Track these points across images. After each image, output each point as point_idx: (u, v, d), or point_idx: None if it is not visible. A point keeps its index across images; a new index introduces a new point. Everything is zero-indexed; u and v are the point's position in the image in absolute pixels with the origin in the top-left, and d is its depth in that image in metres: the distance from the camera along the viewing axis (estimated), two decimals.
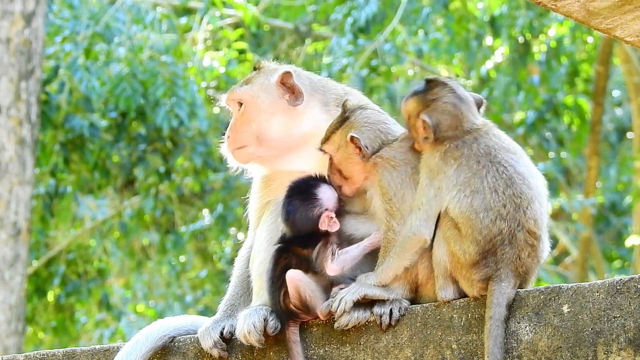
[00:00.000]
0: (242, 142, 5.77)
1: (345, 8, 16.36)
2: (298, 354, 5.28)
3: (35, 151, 14.20)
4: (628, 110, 21.80)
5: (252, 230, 5.82)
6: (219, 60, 17.48)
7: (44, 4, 14.31)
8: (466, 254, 5.06)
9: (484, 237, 5.04)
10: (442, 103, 5.22)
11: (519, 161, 5.14)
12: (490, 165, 5.09)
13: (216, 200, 18.89)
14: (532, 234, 5.07)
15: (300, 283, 5.32)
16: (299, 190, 5.47)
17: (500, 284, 5.00)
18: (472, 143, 5.15)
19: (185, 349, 5.57)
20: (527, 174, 5.13)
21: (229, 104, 5.87)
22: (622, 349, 4.81)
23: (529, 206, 5.07)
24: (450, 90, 5.26)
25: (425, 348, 5.15)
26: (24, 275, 13.97)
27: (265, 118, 5.74)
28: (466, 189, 5.07)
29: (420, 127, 5.20)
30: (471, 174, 5.09)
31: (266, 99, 5.76)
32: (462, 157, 5.12)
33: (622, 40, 5.80)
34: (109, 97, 16.20)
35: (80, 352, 5.70)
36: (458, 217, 5.07)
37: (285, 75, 5.75)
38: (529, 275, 5.10)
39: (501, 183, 5.07)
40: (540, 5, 5.52)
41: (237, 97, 5.82)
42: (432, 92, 5.24)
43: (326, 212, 5.38)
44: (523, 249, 5.05)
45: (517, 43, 17.06)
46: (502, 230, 5.03)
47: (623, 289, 4.86)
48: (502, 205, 5.04)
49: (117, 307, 20.80)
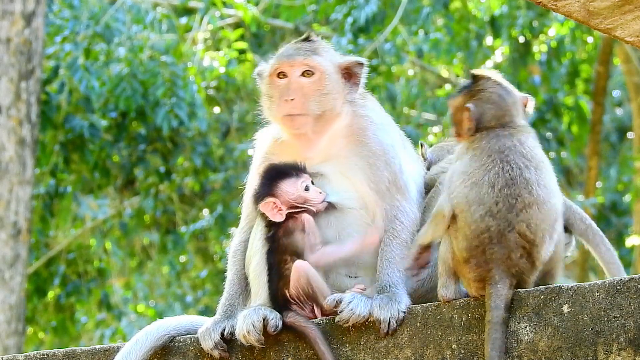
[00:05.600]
0: (307, 110, 5.62)
1: (345, 8, 16.35)
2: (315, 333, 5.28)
3: (35, 151, 14.20)
4: (628, 110, 21.80)
5: (244, 221, 5.79)
6: (219, 60, 17.48)
7: (44, 4, 14.31)
8: (459, 249, 5.07)
9: (472, 232, 5.03)
10: (487, 93, 5.30)
11: (530, 168, 5.11)
12: (498, 162, 5.10)
13: (216, 200, 18.89)
14: (523, 236, 5.02)
15: (307, 274, 5.34)
16: (267, 170, 5.61)
17: (495, 286, 4.98)
18: (493, 138, 5.18)
19: (185, 349, 5.57)
20: (534, 180, 5.09)
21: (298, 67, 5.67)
22: (622, 349, 4.81)
23: (524, 209, 5.03)
24: (496, 82, 5.34)
25: (425, 348, 5.15)
26: (24, 275, 13.97)
27: (334, 96, 5.66)
28: (469, 180, 5.10)
29: (466, 118, 5.27)
30: (478, 166, 5.13)
31: (335, 78, 5.69)
32: (479, 149, 5.17)
33: (622, 40, 5.80)
34: (109, 97, 16.20)
35: (81, 352, 5.70)
36: (456, 207, 5.10)
37: (358, 65, 5.73)
38: (525, 275, 5.06)
39: (501, 180, 5.07)
40: (540, 5, 5.52)
41: (314, 65, 5.67)
42: (478, 84, 5.34)
43: (271, 199, 5.50)
44: (513, 250, 5.01)
45: (518, 43, 17.06)
46: (489, 227, 5.01)
47: (623, 289, 4.86)
48: (495, 202, 5.03)
49: (118, 307, 20.81)
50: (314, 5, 17.85)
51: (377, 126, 5.69)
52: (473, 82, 5.37)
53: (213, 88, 18.42)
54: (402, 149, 5.75)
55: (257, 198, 5.58)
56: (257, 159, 5.81)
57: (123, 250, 20.62)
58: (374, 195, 5.56)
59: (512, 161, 5.10)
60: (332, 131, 5.66)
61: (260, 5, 18.81)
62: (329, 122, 5.66)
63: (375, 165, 5.58)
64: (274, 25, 19.76)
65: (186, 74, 16.23)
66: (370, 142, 5.63)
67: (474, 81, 5.37)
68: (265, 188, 5.57)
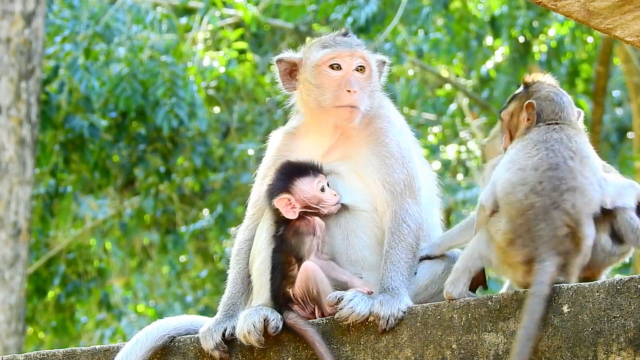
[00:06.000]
0: (364, 105, 5.65)
1: (345, 8, 16.35)
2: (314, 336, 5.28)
3: (35, 151, 14.20)
4: (628, 110, 21.80)
5: (250, 219, 5.78)
6: (219, 60, 17.48)
7: (44, 4, 14.31)
8: (501, 232, 5.05)
9: (516, 211, 5.03)
10: (544, 92, 5.40)
11: (574, 159, 5.15)
12: (543, 150, 5.17)
13: (216, 200, 18.90)
14: (568, 215, 5.01)
15: (315, 275, 5.34)
16: (285, 166, 5.59)
17: (543, 262, 4.95)
18: (542, 131, 5.26)
19: (185, 349, 5.56)
20: (577, 170, 5.12)
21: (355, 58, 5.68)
22: (622, 349, 4.81)
23: (568, 191, 5.04)
24: (550, 84, 5.45)
25: (425, 348, 5.15)
26: (24, 275, 13.97)
27: (377, 95, 5.74)
28: (514, 167, 5.16)
29: (525, 116, 5.34)
30: (524, 154, 5.19)
31: (377, 75, 5.77)
32: (528, 139, 5.25)
33: (622, 40, 5.80)
34: (109, 97, 16.21)
35: (81, 352, 5.70)
36: (499, 193, 5.13)
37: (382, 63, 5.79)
38: (570, 255, 5.02)
39: (544, 164, 5.11)
40: (540, 5, 5.52)
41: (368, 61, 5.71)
42: (533, 87, 5.44)
43: (287, 195, 5.48)
44: (559, 227, 5.00)
45: (517, 43, 17.06)
46: (534, 204, 5.02)
47: (623, 289, 4.86)
48: (539, 181, 5.06)
49: (118, 307, 20.82)
50: (314, 5, 17.85)
51: (396, 128, 5.71)
52: (526, 87, 5.46)
53: (213, 88, 18.42)
54: (416, 153, 5.76)
55: (272, 193, 5.54)
56: (271, 156, 5.78)
57: (123, 250, 20.63)
58: (387, 196, 5.54)
59: (556, 150, 5.16)
60: (350, 129, 5.67)
61: (260, 5, 18.82)
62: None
63: (392, 167, 5.58)
64: (274, 25, 19.76)
65: (186, 74, 16.23)
66: (390, 143, 5.63)
67: (526, 87, 5.46)
68: (281, 183, 5.54)
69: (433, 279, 5.60)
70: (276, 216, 5.55)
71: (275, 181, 5.57)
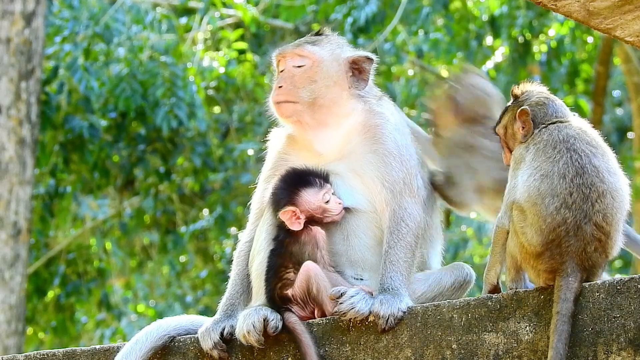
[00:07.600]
0: (296, 97, 5.67)
1: (345, 8, 16.35)
2: (308, 343, 5.26)
3: (35, 151, 14.20)
4: (628, 110, 21.80)
5: (253, 222, 5.78)
6: (219, 61, 17.47)
7: (44, 4, 14.31)
8: (531, 244, 4.99)
9: (547, 226, 4.95)
10: (535, 99, 5.32)
11: (597, 154, 5.08)
12: (565, 152, 5.06)
13: (216, 200, 18.89)
14: (599, 228, 4.97)
15: (316, 276, 5.32)
16: (290, 176, 5.55)
17: (567, 278, 4.90)
18: (554, 130, 5.16)
19: (185, 348, 5.56)
20: (603, 168, 5.05)
21: (290, 57, 5.76)
22: (622, 349, 4.80)
23: (599, 199, 4.98)
24: (539, 91, 5.38)
25: (425, 348, 5.15)
26: (24, 275, 13.97)
27: (327, 84, 5.69)
28: (537, 173, 5.05)
29: (519, 125, 5.26)
30: (545, 158, 5.08)
31: (333, 68, 5.74)
32: (542, 142, 5.13)
33: (622, 40, 5.80)
34: (109, 97, 16.21)
35: (80, 352, 5.70)
36: (526, 202, 5.02)
37: (365, 59, 5.77)
38: (595, 269, 4.99)
39: (571, 170, 5.01)
40: (540, 5, 5.52)
41: (306, 54, 5.75)
42: (522, 97, 5.37)
43: (292, 208, 5.44)
44: (589, 242, 4.95)
45: (517, 43, 17.06)
46: (566, 219, 4.95)
47: (623, 289, 4.86)
48: (569, 193, 4.97)
49: (118, 307, 20.81)
50: (314, 5, 17.85)
51: (392, 125, 5.69)
52: (515, 99, 5.39)
53: (213, 88, 18.41)
54: (415, 151, 5.74)
55: (277, 205, 5.50)
56: (272, 158, 5.80)
57: (123, 250, 20.62)
58: (386, 195, 5.54)
59: (579, 149, 5.07)
60: (345, 128, 5.66)
61: (260, 6, 18.82)
62: (332, 115, 5.67)
63: (390, 165, 5.58)
64: (273, 26, 19.75)
65: (186, 74, 16.23)
66: (387, 141, 5.63)
67: (515, 99, 5.39)
68: (286, 195, 5.50)
69: (441, 291, 5.61)
70: (278, 221, 5.54)
71: (279, 191, 5.54)
